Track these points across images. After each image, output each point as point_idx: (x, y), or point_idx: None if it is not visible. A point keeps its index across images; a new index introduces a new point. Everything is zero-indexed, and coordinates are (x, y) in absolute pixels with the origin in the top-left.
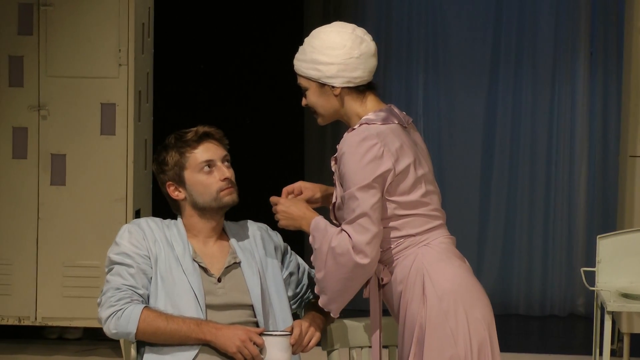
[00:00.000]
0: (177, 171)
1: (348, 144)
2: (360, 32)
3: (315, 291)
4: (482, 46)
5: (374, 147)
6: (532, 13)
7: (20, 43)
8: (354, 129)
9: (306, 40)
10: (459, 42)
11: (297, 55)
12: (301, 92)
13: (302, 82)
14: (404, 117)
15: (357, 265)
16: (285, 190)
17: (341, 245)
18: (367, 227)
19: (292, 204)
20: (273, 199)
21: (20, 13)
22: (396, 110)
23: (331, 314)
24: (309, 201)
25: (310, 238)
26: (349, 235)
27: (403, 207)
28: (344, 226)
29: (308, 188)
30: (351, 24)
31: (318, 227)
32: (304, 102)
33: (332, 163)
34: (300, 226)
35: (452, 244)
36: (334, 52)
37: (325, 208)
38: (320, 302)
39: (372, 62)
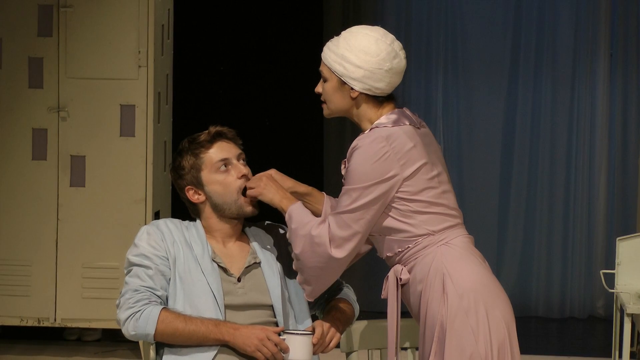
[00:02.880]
0: (194, 174)
1: (358, 145)
2: (397, 46)
3: (294, 267)
4: (502, 47)
5: (380, 151)
6: (552, 14)
7: (40, 44)
8: (364, 132)
9: (343, 33)
10: (478, 43)
11: (329, 44)
12: (319, 77)
13: (325, 71)
14: (416, 119)
15: (331, 258)
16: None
17: (321, 235)
18: (350, 224)
19: (278, 181)
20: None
21: (40, 14)
22: (408, 112)
23: (304, 295)
24: None
25: (287, 216)
26: (329, 226)
27: (419, 206)
28: (329, 217)
29: (277, 179)
30: (392, 35)
31: (298, 209)
32: (318, 88)
33: (342, 167)
34: (279, 201)
35: (471, 242)
36: (366, 58)
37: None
38: (298, 279)
39: (398, 79)
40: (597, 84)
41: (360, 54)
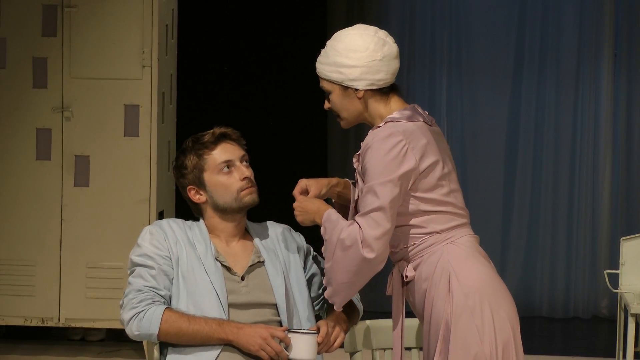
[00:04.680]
0: (196, 174)
1: (374, 139)
2: (382, 34)
3: (324, 282)
4: (506, 47)
5: (398, 145)
6: (556, 14)
7: (44, 44)
8: (379, 126)
9: (328, 43)
10: (482, 43)
11: (319, 59)
12: (324, 95)
13: (325, 85)
14: (428, 117)
15: (364, 260)
16: (296, 194)
17: (351, 237)
18: (380, 222)
19: (307, 199)
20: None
21: (45, 14)
22: (420, 109)
23: (334, 307)
24: (316, 197)
25: (322, 229)
26: (360, 228)
27: (428, 204)
28: (357, 218)
29: (311, 185)
30: (373, 27)
31: (330, 219)
32: (326, 105)
33: (354, 160)
34: (314, 220)
35: (476, 242)
36: (357, 55)
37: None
38: (326, 294)
39: (395, 64)
40: (601, 84)
41: (350, 53)
